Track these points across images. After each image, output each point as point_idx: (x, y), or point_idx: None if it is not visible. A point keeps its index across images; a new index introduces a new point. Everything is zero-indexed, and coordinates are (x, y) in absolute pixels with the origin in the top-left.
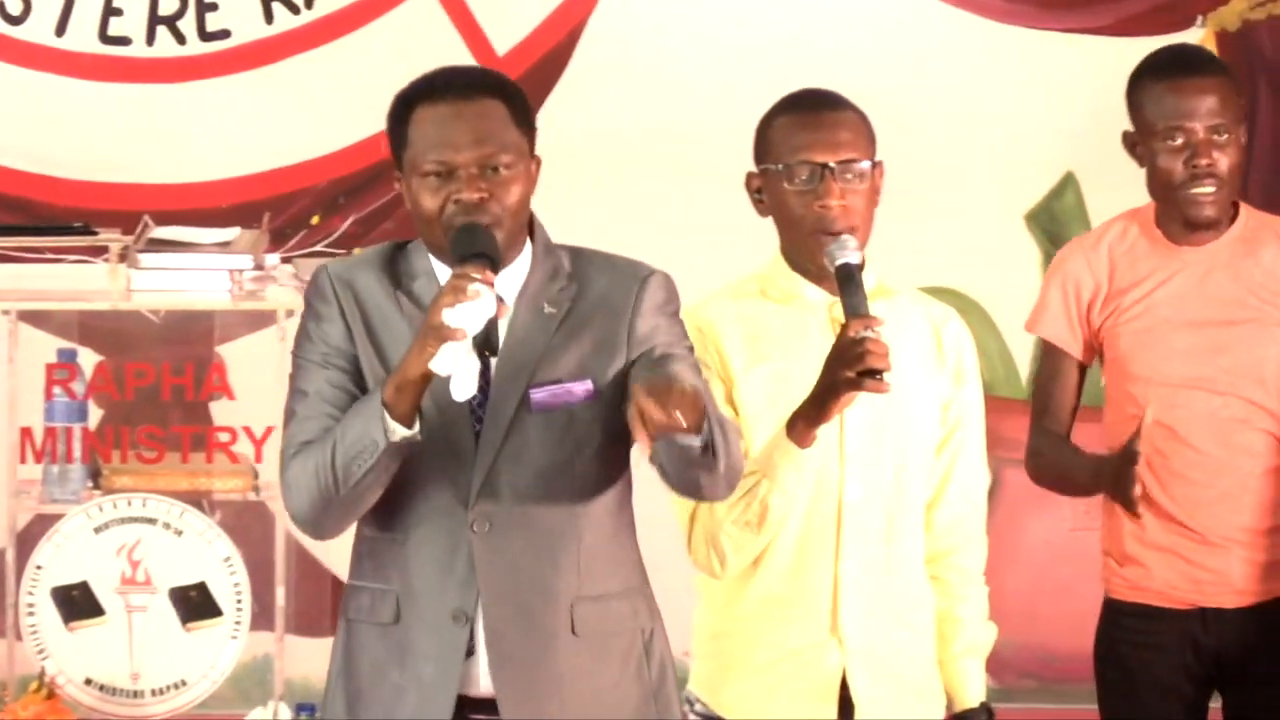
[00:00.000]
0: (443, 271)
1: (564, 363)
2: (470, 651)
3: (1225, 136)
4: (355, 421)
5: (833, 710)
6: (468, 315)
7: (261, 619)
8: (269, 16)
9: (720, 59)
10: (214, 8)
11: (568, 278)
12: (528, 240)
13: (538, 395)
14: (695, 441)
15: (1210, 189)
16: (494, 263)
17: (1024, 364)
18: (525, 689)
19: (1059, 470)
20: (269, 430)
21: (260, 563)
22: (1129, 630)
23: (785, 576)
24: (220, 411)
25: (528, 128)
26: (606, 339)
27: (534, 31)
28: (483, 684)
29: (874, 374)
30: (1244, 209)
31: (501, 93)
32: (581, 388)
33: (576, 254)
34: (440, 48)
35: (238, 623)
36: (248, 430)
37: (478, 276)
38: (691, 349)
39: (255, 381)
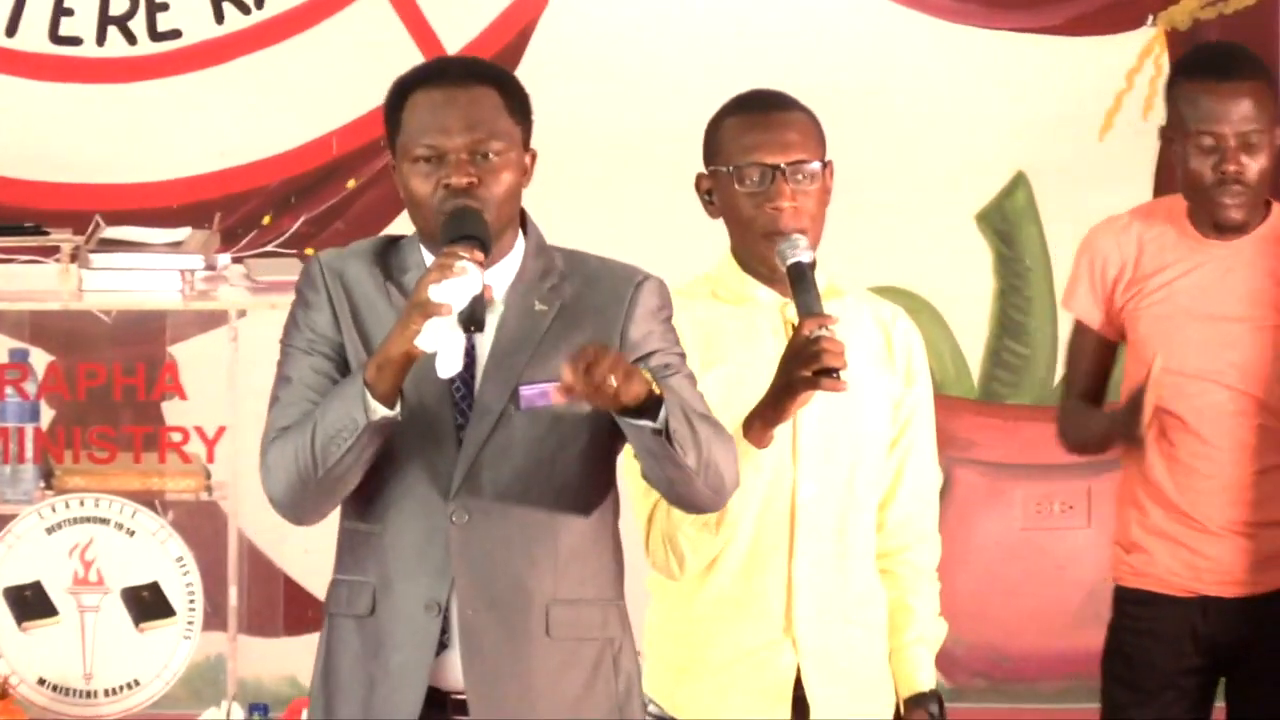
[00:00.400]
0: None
1: (554, 362)
2: (445, 645)
3: (1256, 141)
4: (335, 402)
5: (787, 710)
6: (453, 291)
7: (214, 619)
8: (219, 16)
9: (671, 58)
10: (165, 8)
11: (560, 277)
12: (520, 236)
13: (527, 392)
14: (645, 422)
15: (1238, 195)
16: (484, 245)
17: (975, 364)
18: (496, 685)
19: (1079, 431)
20: (221, 430)
21: (213, 563)
22: (1132, 618)
23: (739, 576)
24: (172, 411)
25: (523, 118)
26: (600, 340)
27: (484, 31)
28: (451, 677)
29: (830, 373)
30: (1277, 207)
31: (497, 82)
32: None
33: (570, 255)
34: (391, 47)
35: (190, 623)
36: (199, 430)
37: (465, 255)
38: (684, 356)
39: (207, 381)
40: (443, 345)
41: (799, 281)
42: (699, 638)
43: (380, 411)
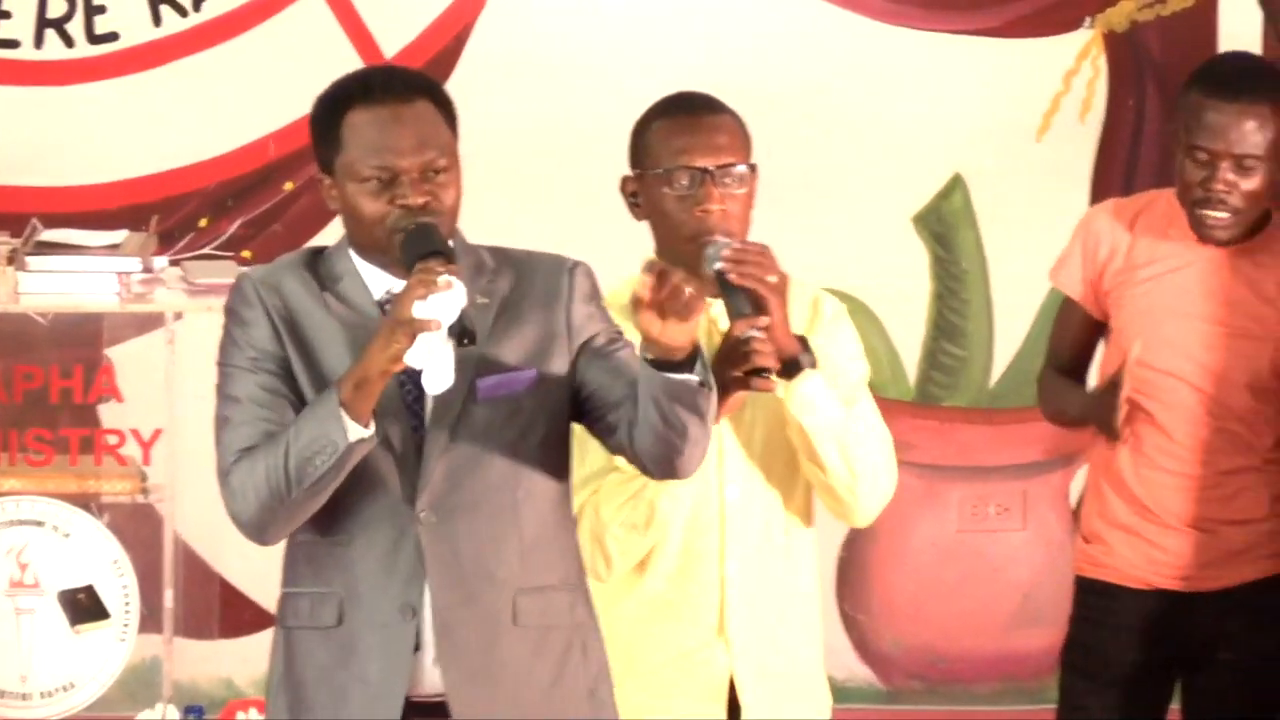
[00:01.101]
0: (368, 272)
1: (506, 352)
2: (416, 647)
3: (1252, 166)
4: (310, 422)
5: (722, 712)
6: (441, 306)
7: (150, 621)
8: (157, 19)
9: (608, 60)
10: (102, 10)
11: (493, 272)
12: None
13: (484, 384)
14: (688, 376)
15: (1221, 215)
16: (451, 259)
17: (911, 366)
18: (473, 681)
19: (1056, 404)
20: (157, 432)
21: (148, 565)
22: (1091, 608)
23: (672, 579)
24: (108, 414)
25: (454, 128)
26: (546, 328)
27: (422, 34)
28: (427, 682)
29: (761, 373)
30: (1278, 216)
31: (432, 95)
32: (526, 375)
33: (494, 250)
34: (328, 50)
35: (126, 625)
36: (135, 433)
37: (443, 270)
38: (620, 331)
39: (143, 384)
40: (432, 361)
41: (727, 284)
42: (634, 640)
43: (358, 433)
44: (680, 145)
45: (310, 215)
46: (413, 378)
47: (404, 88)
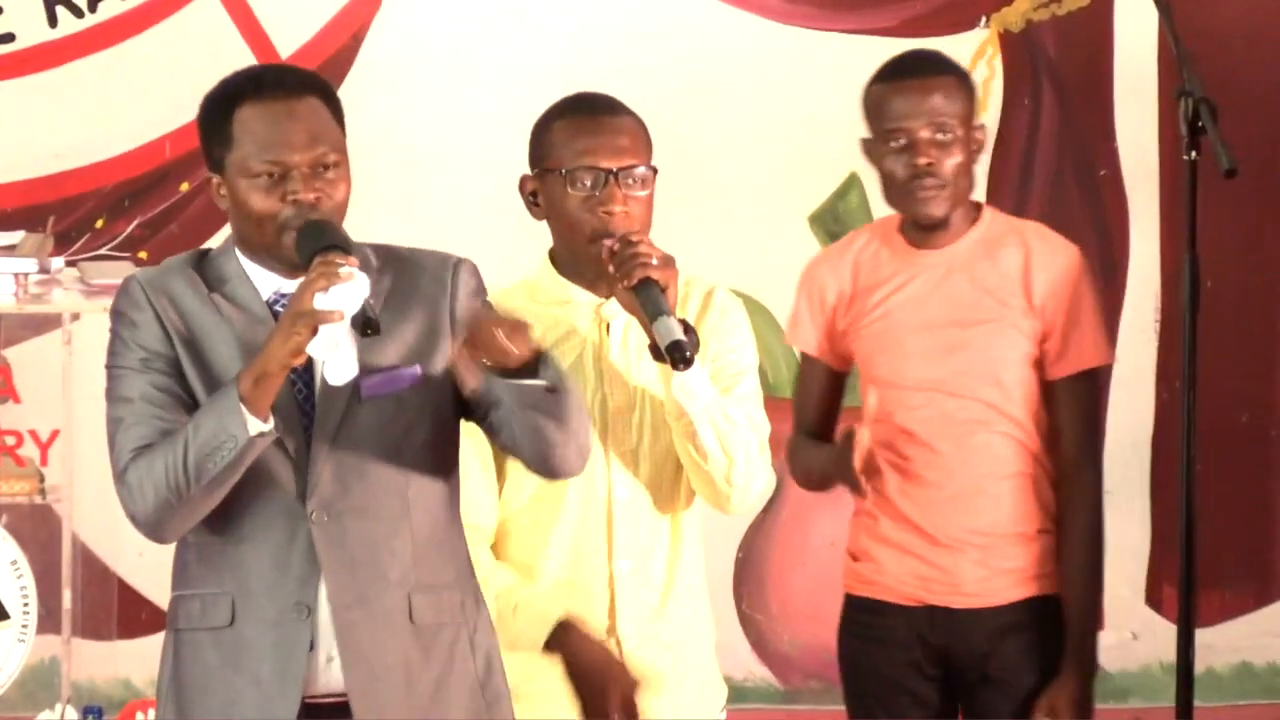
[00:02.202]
0: (255, 272)
1: (390, 350)
2: (310, 646)
3: (947, 137)
4: (209, 418)
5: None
6: (343, 297)
7: (48, 622)
8: (53, 20)
9: (504, 60)
10: None
11: (376, 270)
12: None
13: (368, 383)
14: (537, 381)
15: (932, 189)
16: (349, 252)
17: None
18: (374, 680)
19: (805, 466)
20: (55, 433)
21: (47, 566)
22: (860, 625)
23: (561, 580)
24: (5, 415)
25: (343, 126)
26: (430, 325)
27: (317, 34)
28: (322, 682)
29: (685, 361)
30: (988, 211)
31: (322, 91)
32: (410, 373)
33: (378, 248)
34: (224, 51)
35: (25, 626)
36: (33, 434)
37: (344, 261)
38: None
39: (41, 385)
40: (334, 353)
41: (634, 291)
42: (527, 638)
43: (259, 426)
44: (583, 146)
45: (207, 216)
46: (302, 377)
47: (296, 84)
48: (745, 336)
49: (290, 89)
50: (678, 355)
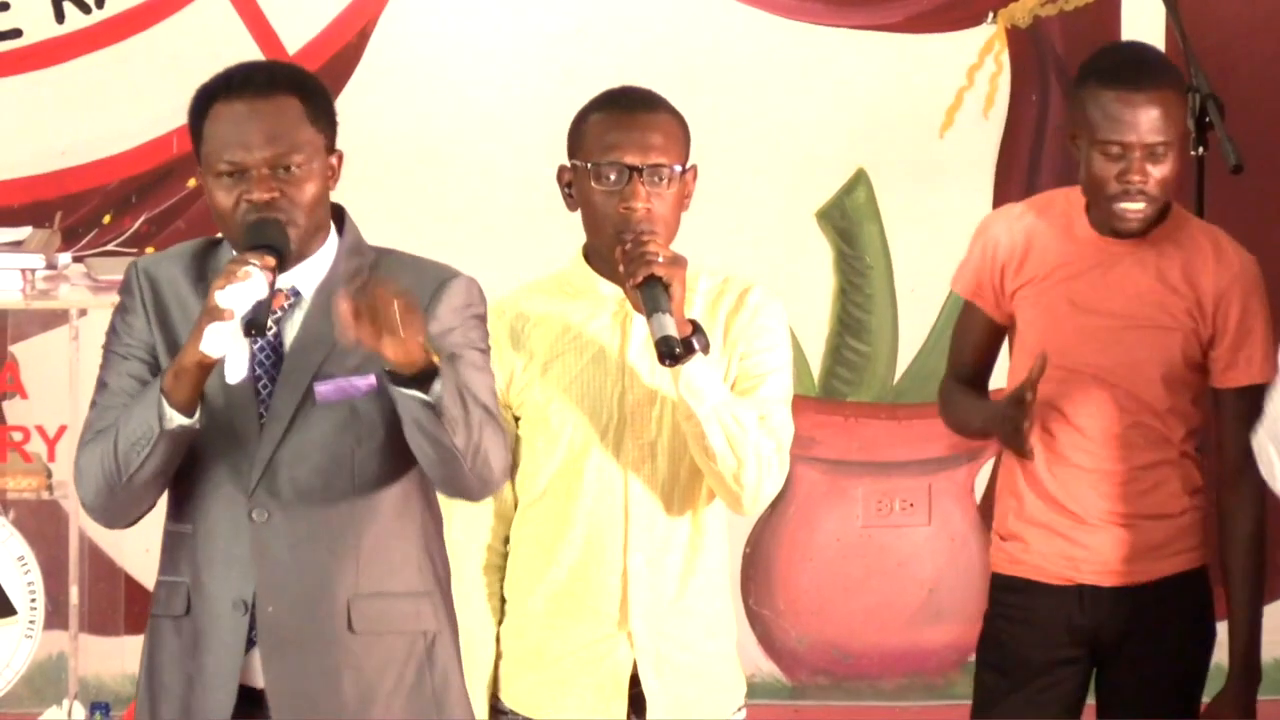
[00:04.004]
0: None
1: (351, 359)
2: (253, 643)
3: (1163, 153)
4: (137, 409)
5: (623, 705)
6: (236, 296)
7: (55, 618)
8: (60, 16)
9: (510, 56)
10: (5, 7)
11: (370, 271)
12: (335, 236)
13: (322, 388)
14: (416, 393)
15: (1141, 207)
16: (279, 253)
17: (815, 361)
18: (297, 683)
19: (960, 416)
20: (62, 429)
21: (54, 562)
22: (1007, 605)
23: (574, 571)
24: (13, 410)
25: (326, 123)
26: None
27: (325, 30)
28: (260, 676)
29: (671, 357)
30: (1175, 209)
31: (299, 89)
32: (364, 381)
33: (385, 254)
34: (231, 46)
35: (31, 622)
36: (40, 429)
37: (255, 261)
38: (485, 351)
39: (48, 381)
40: (229, 351)
41: (639, 289)
42: (538, 632)
43: (176, 420)
44: (611, 140)
45: None
46: (269, 373)
47: (265, 83)
48: (777, 338)
49: (257, 88)
50: (664, 350)
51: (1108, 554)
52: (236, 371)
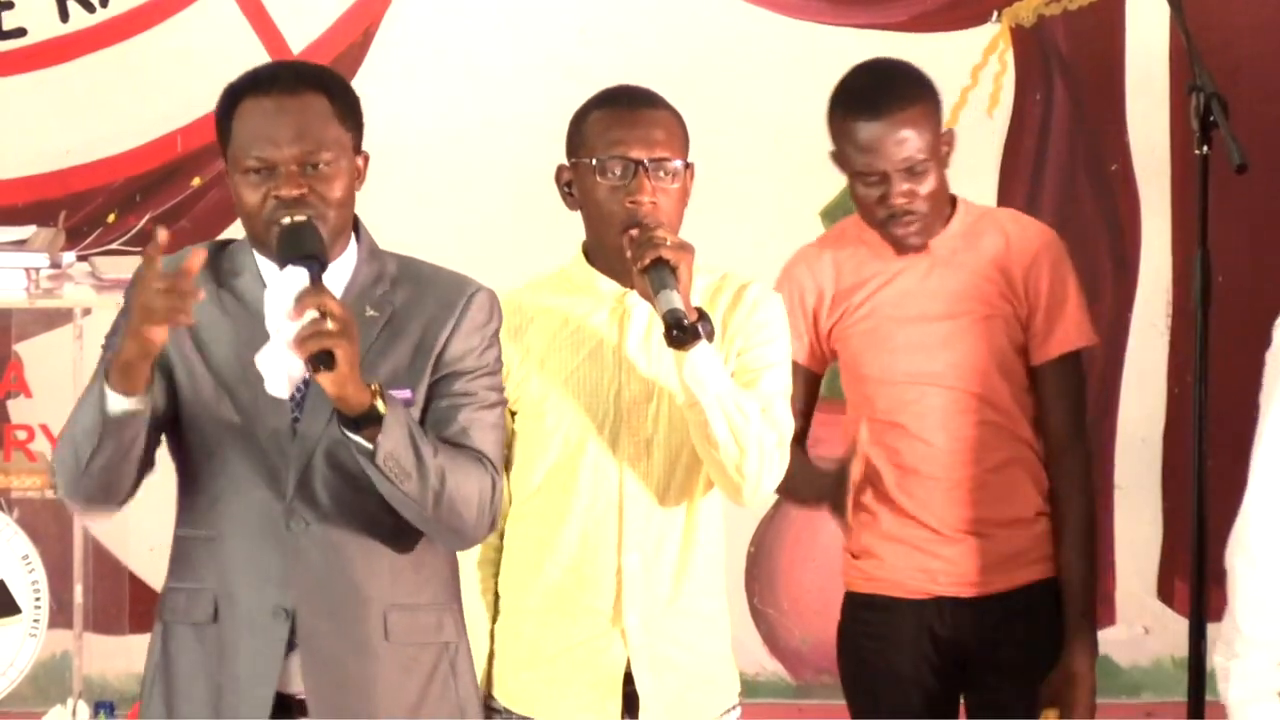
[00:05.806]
0: (266, 267)
1: (380, 369)
2: (293, 647)
3: (921, 169)
4: (86, 398)
5: (617, 703)
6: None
7: (60, 617)
8: (64, 15)
9: (514, 56)
10: (10, 6)
11: (391, 282)
12: (354, 242)
13: None
14: (357, 439)
15: (911, 224)
16: (321, 262)
17: None
18: (337, 691)
19: (790, 486)
20: None
21: (58, 560)
22: (865, 623)
23: (569, 569)
24: (17, 409)
25: (353, 124)
26: (421, 349)
27: (329, 29)
28: (297, 683)
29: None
30: (962, 204)
31: (327, 88)
32: (400, 395)
33: (403, 261)
34: (235, 45)
35: (36, 621)
36: (45, 428)
37: (315, 313)
38: (494, 372)
39: (52, 379)
40: (279, 368)
41: (645, 273)
42: (532, 630)
43: (120, 405)
44: (615, 136)
45: (218, 210)
46: (306, 383)
47: (293, 80)
48: (775, 332)
49: (285, 85)
50: (671, 320)
51: (964, 565)
52: (280, 386)
